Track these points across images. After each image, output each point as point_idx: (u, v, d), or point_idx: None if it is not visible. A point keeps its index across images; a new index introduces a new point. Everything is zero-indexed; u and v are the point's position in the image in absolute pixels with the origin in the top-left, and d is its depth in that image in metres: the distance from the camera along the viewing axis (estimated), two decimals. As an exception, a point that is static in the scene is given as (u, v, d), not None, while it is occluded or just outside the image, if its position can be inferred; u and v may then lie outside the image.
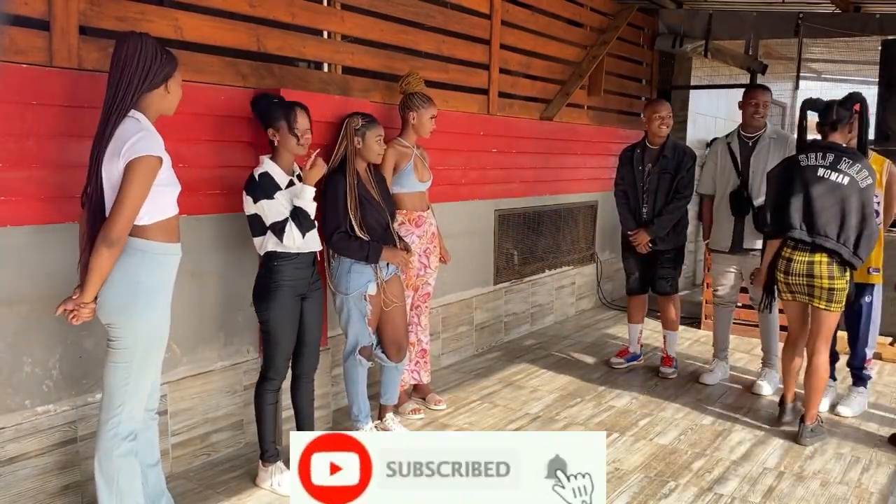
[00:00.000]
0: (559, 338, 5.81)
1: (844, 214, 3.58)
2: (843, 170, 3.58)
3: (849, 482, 3.39)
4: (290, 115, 3.08)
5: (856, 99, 3.68)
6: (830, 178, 3.59)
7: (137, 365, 2.48)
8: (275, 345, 3.14)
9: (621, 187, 4.90)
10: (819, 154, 3.65)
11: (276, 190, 3.04)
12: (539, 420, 4.07)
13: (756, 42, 7.39)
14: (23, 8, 2.67)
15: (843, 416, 4.17)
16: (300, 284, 3.14)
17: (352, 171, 3.48)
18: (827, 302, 3.66)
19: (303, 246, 3.09)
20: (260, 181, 3.04)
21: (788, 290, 3.77)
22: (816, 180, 3.62)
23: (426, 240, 3.98)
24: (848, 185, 3.57)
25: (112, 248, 2.34)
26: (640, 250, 4.78)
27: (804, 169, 3.66)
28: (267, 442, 3.19)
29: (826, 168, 3.61)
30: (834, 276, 3.61)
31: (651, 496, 3.22)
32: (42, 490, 2.84)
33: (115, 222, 2.33)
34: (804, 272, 3.65)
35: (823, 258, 3.61)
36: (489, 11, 5.08)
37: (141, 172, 2.34)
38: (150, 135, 2.41)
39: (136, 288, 2.43)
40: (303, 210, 3.04)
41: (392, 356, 3.73)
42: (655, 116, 4.67)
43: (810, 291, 3.67)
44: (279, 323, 3.11)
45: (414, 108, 3.85)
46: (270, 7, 3.56)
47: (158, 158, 2.38)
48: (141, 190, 2.36)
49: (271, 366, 3.16)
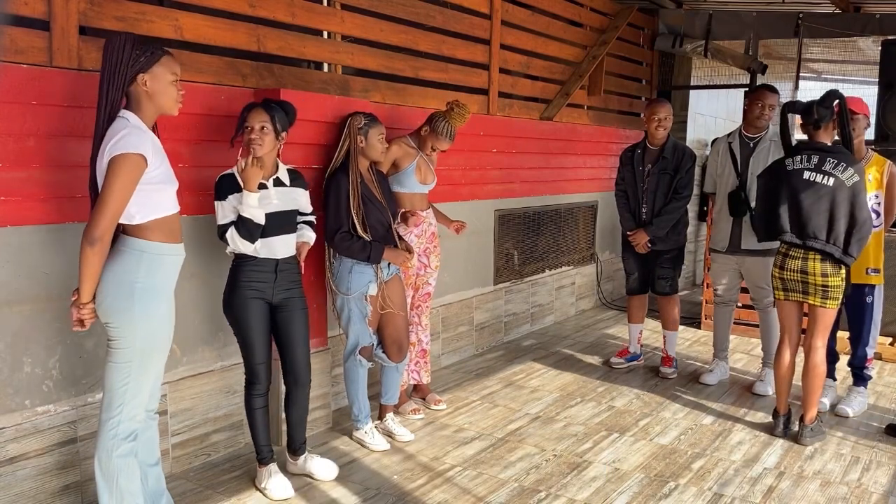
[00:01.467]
0: (559, 338, 5.81)
1: (833, 216, 3.58)
2: (828, 171, 3.59)
3: (849, 482, 3.39)
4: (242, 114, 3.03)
5: (834, 97, 3.68)
6: (816, 181, 3.60)
7: (137, 365, 2.48)
8: (243, 347, 3.11)
9: (621, 187, 4.90)
10: (804, 157, 3.66)
11: (232, 192, 2.96)
12: (539, 420, 4.07)
13: (756, 42, 7.38)
14: (23, 8, 2.68)
15: (844, 415, 4.17)
16: (263, 288, 3.06)
17: (355, 170, 3.47)
18: (822, 299, 3.67)
19: (260, 251, 3.01)
20: (218, 182, 3.01)
21: (783, 287, 3.78)
22: (803, 184, 3.63)
23: (425, 239, 3.98)
24: (834, 186, 3.57)
25: (94, 246, 2.32)
26: (638, 250, 4.78)
27: (791, 173, 3.67)
28: (260, 445, 3.17)
29: (812, 171, 3.62)
30: (828, 273, 3.62)
31: (651, 496, 3.22)
32: (42, 490, 2.84)
33: (96, 220, 2.32)
34: (798, 269, 3.67)
35: (816, 257, 3.63)
36: (489, 11, 5.08)
37: (122, 169, 2.33)
38: (136, 132, 2.38)
39: (134, 288, 2.42)
40: (246, 218, 2.91)
41: (393, 356, 3.72)
42: (654, 118, 4.67)
43: (805, 288, 3.69)
44: (242, 325, 3.06)
45: (437, 132, 3.82)
46: (270, 7, 3.56)
47: (141, 156, 2.35)
48: (122, 187, 2.33)
49: (248, 370, 3.14)
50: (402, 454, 3.60)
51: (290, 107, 3.08)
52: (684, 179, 4.67)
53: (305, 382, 3.27)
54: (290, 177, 3.16)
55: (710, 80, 8.20)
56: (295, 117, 3.10)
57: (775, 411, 3.95)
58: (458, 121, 3.84)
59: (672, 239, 4.78)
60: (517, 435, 3.86)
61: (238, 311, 3.05)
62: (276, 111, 3.00)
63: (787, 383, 3.88)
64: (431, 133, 3.84)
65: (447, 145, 3.89)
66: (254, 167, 2.91)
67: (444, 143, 3.86)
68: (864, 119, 4.04)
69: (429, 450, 3.65)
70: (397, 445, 3.69)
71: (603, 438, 3.83)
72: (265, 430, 3.18)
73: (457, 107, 3.84)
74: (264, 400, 3.17)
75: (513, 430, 3.91)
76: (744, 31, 6.96)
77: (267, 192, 3.02)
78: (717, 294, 4.80)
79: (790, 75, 9.54)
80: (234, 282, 3.06)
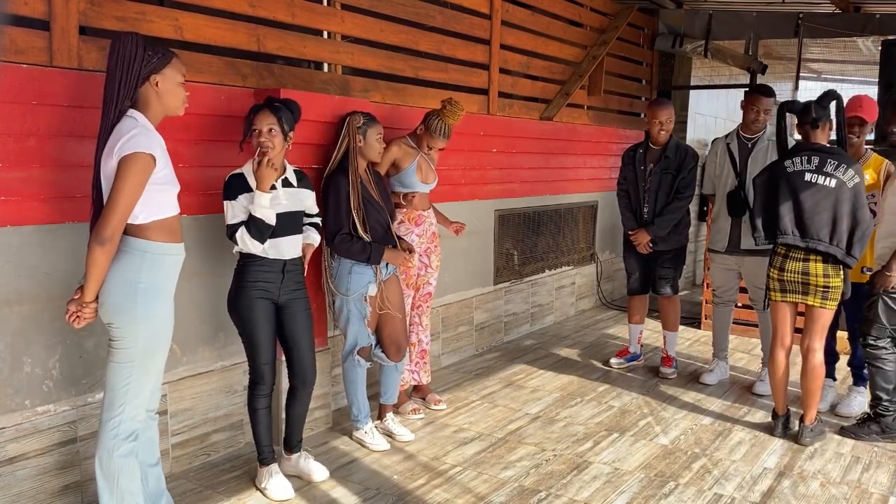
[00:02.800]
0: (559, 338, 5.81)
1: (836, 217, 3.58)
2: (829, 172, 3.58)
3: (849, 482, 3.39)
4: (248, 116, 3.03)
5: (832, 97, 3.68)
6: (818, 183, 3.59)
7: (139, 365, 2.48)
8: (249, 347, 3.10)
9: (623, 187, 4.89)
10: (804, 158, 3.65)
11: (243, 191, 2.96)
12: (539, 420, 4.07)
13: (756, 42, 7.39)
14: (23, 8, 2.67)
15: (844, 415, 4.17)
16: (270, 288, 3.05)
17: (354, 170, 3.47)
18: (822, 300, 3.67)
19: (269, 251, 3.01)
20: (228, 181, 3.00)
21: (781, 288, 3.77)
22: (805, 185, 3.62)
23: (426, 239, 3.98)
24: (836, 188, 3.57)
25: (104, 246, 2.33)
26: (640, 250, 4.78)
27: (791, 175, 3.66)
28: (262, 446, 3.17)
29: (813, 172, 3.61)
30: (829, 274, 3.63)
31: (651, 496, 3.22)
32: (42, 490, 2.84)
33: (107, 220, 2.32)
34: (800, 270, 3.67)
35: (818, 258, 3.64)
36: (489, 11, 5.08)
37: (132, 169, 2.33)
38: (145, 132, 2.39)
39: (136, 288, 2.42)
40: (258, 219, 2.91)
41: (392, 356, 3.72)
42: (655, 121, 4.66)
43: (805, 289, 3.69)
44: (248, 325, 3.05)
45: (431, 130, 3.81)
46: (270, 7, 3.56)
47: (151, 156, 2.36)
48: (133, 187, 2.34)
49: (252, 370, 3.13)
50: (402, 454, 3.60)
51: (294, 105, 3.08)
52: (686, 179, 4.66)
53: (311, 381, 3.27)
54: (297, 177, 3.16)
55: (710, 80, 8.21)
56: (300, 115, 3.11)
57: (774, 413, 3.95)
58: (451, 118, 3.83)
59: (674, 239, 4.77)
60: (517, 435, 3.86)
61: (245, 311, 3.05)
62: (282, 112, 3.00)
63: (783, 385, 3.88)
64: (426, 132, 3.84)
65: (443, 143, 3.88)
66: (268, 168, 2.92)
67: (439, 141, 3.85)
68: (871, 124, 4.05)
69: (429, 450, 3.65)
70: (397, 445, 3.69)
71: (603, 438, 3.83)
72: (268, 431, 3.18)
73: (449, 104, 3.83)
74: (268, 400, 3.17)
75: (513, 430, 3.92)
76: (744, 31, 6.96)
77: (276, 192, 3.02)
78: (717, 294, 4.80)
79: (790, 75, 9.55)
80: (241, 282, 3.05)
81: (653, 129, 4.69)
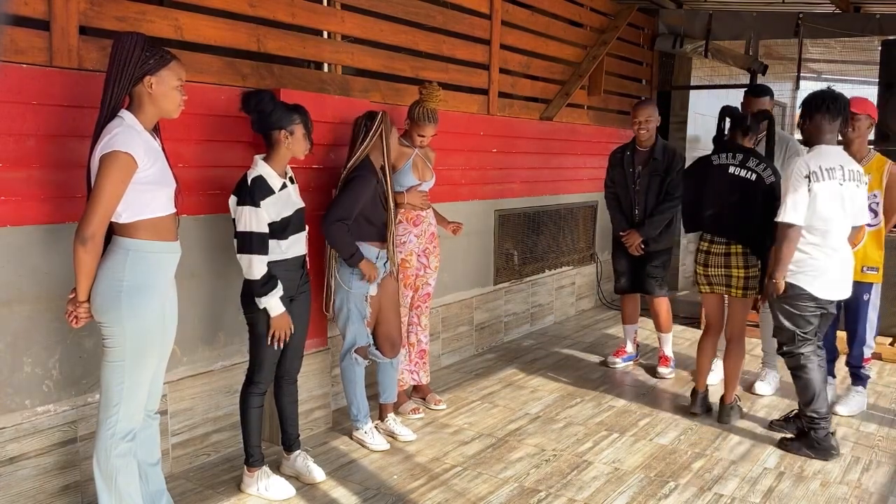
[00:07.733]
0: (559, 338, 5.81)
1: (751, 208, 3.80)
2: (751, 167, 3.84)
3: (849, 482, 3.39)
4: (308, 120, 3.04)
5: (764, 117, 4.01)
6: (739, 175, 3.85)
7: (130, 363, 2.47)
8: (264, 347, 3.08)
9: (611, 189, 4.93)
10: (730, 154, 3.91)
11: (267, 195, 2.92)
12: (539, 420, 4.07)
13: (756, 42, 7.39)
14: (23, 8, 2.67)
15: (842, 414, 4.17)
16: (289, 287, 3.06)
17: (378, 169, 3.51)
18: (743, 290, 3.91)
19: (288, 250, 3.03)
20: (252, 185, 2.91)
21: (707, 282, 4.01)
22: (727, 177, 3.87)
23: (425, 240, 3.97)
24: (755, 182, 3.81)
25: (85, 244, 2.33)
26: (631, 252, 4.79)
27: (716, 168, 3.92)
28: (252, 447, 3.14)
29: (736, 166, 3.87)
30: (749, 265, 3.86)
31: (651, 496, 3.22)
32: (42, 490, 2.84)
33: (87, 219, 2.33)
34: (721, 264, 3.91)
35: (738, 248, 3.86)
36: (489, 11, 5.08)
37: (110, 168, 2.32)
38: (126, 131, 2.37)
39: (121, 286, 2.41)
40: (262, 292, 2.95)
41: (386, 352, 3.72)
42: (635, 120, 4.73)
43: (728, 282, 3.93)
44: (266, 324, 3.03)
45: (414, 118, 3.81)
46: (270, 7, 3.56)
47: (130, 155, 2.34)
48: (112, 186, 2.33)
49: (258, 369, 3.11)
50: (402, 454, 3.60)
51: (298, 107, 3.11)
52: (675, 181, 4.69)
53: (296, 369, 3.28)
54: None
55: (710, 80, 8.19)
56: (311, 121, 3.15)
57: (693, 390, 4.20)
58: (431, 100, 3.81)
59: (665, 239, 4.82)
60: (517, 435, 3.86)
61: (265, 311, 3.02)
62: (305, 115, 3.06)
63: (706, 367, 4.17)
64: (413, 124, 3.83)
65: (432, 129, 3.84)
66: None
67: (427, 127, 3.82)
68: (866, 119, 4.02)
69: (429, 450, 3.65)
70: (397, 445, 3.68)
71: (603, 438, 3.83)
72: (259, 431, 3.16)
73: (425, 88, 3.83)
74: (262, 399, 3.16)
75: (513, 430, 3.92)
76: (744, 32, 6.96)
77: (287, 190, 3.04)
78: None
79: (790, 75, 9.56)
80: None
81: (634, 128, 4.75)
